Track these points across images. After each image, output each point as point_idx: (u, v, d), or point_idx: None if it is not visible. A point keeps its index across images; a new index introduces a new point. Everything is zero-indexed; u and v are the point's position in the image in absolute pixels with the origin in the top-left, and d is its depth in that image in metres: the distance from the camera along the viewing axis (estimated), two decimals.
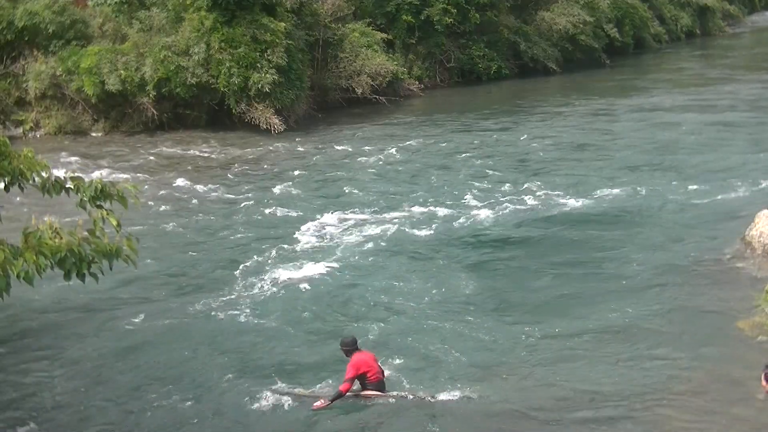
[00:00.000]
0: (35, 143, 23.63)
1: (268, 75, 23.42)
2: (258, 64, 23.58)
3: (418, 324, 10.36)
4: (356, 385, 8.62)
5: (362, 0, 31.58)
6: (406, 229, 14.35)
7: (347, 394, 8.46)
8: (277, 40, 23.95)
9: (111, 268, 6.18)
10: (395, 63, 30.15)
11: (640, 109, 26.51)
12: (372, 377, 8.65)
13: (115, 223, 6.15)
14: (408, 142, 22.43)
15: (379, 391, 8.65)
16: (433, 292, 11.52)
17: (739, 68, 36.09)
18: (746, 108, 25.72)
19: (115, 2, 25.98)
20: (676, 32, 48.15)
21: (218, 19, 23.96)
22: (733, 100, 27.48)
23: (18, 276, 5.64)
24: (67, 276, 5.93)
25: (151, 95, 23.79)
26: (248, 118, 24.09)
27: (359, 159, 20.84)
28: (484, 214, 15.18)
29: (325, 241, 13.86)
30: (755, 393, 8.20)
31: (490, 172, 18.82)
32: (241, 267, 12.66)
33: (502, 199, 16.14)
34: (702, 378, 8.69)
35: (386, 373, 8.87)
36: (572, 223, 14.55)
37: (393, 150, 21.55)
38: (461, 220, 14.86)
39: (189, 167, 20.68)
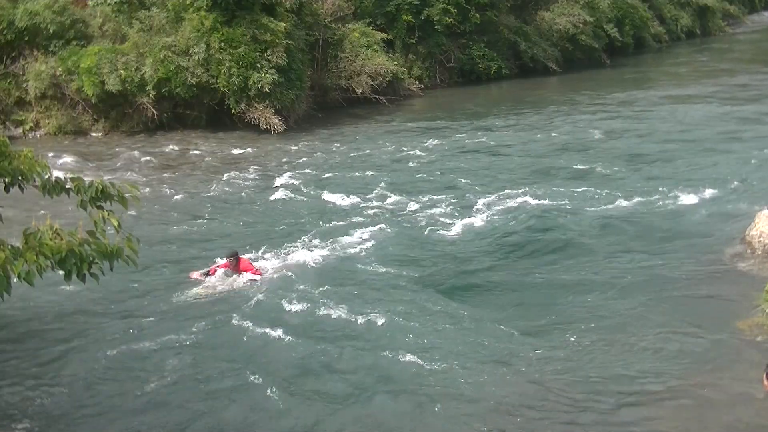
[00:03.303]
0: (35, 143, 23.65)
1: (268, 75, 23.43)
2: (258, 64, 23.59)
3: (416, 319, 10.34)
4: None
5: (362, 0, 31.61)
6: (408, 229, 14.36)
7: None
8: (277, 40, 23.97)
9: (111, 269, 6.19)
10: (395, 63, 30.19)
11: (640, 108, 26.51)
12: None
13: (116, 223, 6.16)
14: (407, 142, 22.45)
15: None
16: (436, 290, 11.55)
17: (744, 63, 36.09)
18: (750, 103, 25.71)
19: (115, 2, 26.00)
20: (676, 32, 48.23)
21: (218, 19, 23.98)
22: (736, 95, 27.50)
23: (18, 276, 5.65)
24: (68, 276, 5.94)
25: (151, 95, 23.81)
26: (248, 118, 24.11)
27: (360, 159, 20.84)
28: (489, 213, 15.15)
29: (326, 240, 13.84)
30: (755, 393, 8.19)
31: (494, 171, 18.83)
32: None
33: (504, 198, 16.13)
34: (701, 378, 8.68)
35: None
36: (570, 222, 14.54)
37: (392, 150, 21.56)
38: (465, 218, 14.85)
39: (189, 167, 20.68)
